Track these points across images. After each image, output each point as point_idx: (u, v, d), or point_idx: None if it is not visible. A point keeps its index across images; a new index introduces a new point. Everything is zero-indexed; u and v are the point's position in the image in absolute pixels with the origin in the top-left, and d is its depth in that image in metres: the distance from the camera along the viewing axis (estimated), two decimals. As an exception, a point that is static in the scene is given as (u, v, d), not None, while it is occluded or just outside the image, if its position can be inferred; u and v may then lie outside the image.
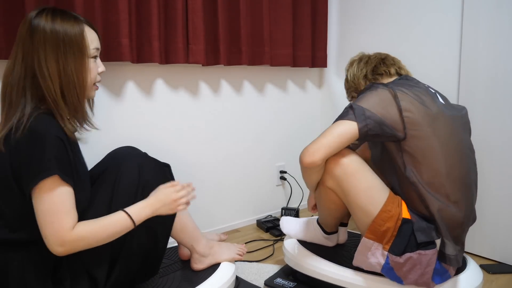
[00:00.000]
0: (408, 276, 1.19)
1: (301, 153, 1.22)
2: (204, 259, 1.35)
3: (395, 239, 1.19)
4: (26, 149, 0.95)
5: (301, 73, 2.35)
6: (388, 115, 1.19)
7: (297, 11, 2.18)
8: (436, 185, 1.19)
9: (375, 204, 1.21)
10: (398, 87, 1.22)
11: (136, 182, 1.17)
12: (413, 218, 1.20)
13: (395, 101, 1.19)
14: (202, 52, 1.76)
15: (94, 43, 1.08)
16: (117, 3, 1.52)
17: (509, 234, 1.66)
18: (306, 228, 1.55)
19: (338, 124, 1.21)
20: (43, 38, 0.99)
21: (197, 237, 1.35)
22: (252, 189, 2.20)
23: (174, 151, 1.87)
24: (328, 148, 1.19)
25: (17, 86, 1.00)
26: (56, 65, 1.00)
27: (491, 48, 1.63)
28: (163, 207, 1.13)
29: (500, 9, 1.59)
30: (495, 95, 1.64)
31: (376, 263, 1.22)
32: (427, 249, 1.18)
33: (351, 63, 1.48)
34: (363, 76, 1.41)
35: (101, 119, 1.65)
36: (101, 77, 1.16)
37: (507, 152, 1.63)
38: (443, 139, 1.19)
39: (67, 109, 1.03)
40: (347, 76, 1.47)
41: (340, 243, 1.57)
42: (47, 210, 0.95)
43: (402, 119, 1.18)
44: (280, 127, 2.28)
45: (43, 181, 0.94)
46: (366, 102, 1.21)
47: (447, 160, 1.19)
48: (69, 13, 1.04)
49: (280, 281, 1.48)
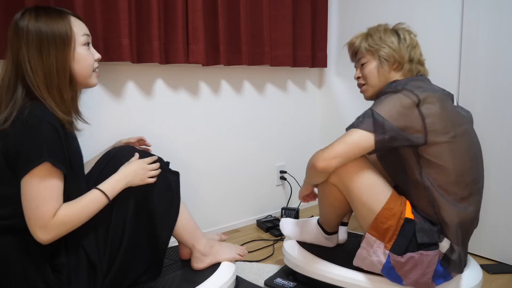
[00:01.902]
0: (409, 275, 1.18)
1: (314, 157, 1.22)
2: (205, 258, 1.35)
3: (397, 238, 1.19)
4: (18, 139, 0.97)
5: (301, 73, 2.36)
6: (409, 124, 1.16)
7: (297, 11, 2.18)
8: (450, 190, 1.18)
9: (378, 201, 1.21)
10: (420, 91, 1.19)
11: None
12: (417, 219, 1.20)
13: (418, 109, 1.16)
14: (202, 52, 1.76)
15: (83, 29, 1.11)
16: (117, 3, 1.52)
17: (509, 234, 1.66)
18: (306, 229, 1.54)
19: (355, 134, 1.19)
20: (26, 37, 1.02)
21: (198, 236, 1.36)
22: (252, 189, 2.20)
23: (174, 151, 1.87)
24: (343, 158, 1.20)
25: (7, 87, 1.03)
26: (40, 61, 1.03)
27: (491, 47, 1.63)
28: (135, 178, 1.16)
29: (500, 8, 1.59)
30: (495, 96, 1.64)
31: (377, 261, 1.22)
32: (428, 250, 1.17)
33: (395, 33, 1.34)
34: (408, 60, 1.32)
35: (101, 119, 1.65)
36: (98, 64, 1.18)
37: (507, 152, 1.63)
38: (461, 143, 1.19)
39: (55, 103, 1.04)
40: (388, 45, 1.32)
41: (340, 243, 1.57)
42: (34, 195, 0.97)
43: (425, 125, 1.15)
44: (280, 127, 2.29)
45: (34, 169, 0.96)
46: (387, 110, 1.17)
47: (463, 164, 1.19)
48: (52, 9, 1.07)
49: (280, 281, 1.48)
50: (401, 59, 1.31)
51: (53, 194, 0.99)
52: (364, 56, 1.37)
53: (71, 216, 1.02)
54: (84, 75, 1.12)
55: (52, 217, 0.99)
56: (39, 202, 0.97)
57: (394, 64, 1.32)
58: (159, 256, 1.24)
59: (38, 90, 1.02)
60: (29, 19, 1.03)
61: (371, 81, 1.36)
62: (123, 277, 1.16)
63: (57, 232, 1.00)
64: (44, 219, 0.98)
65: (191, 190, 1.94)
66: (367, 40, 1.36)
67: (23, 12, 1.05)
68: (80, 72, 1.10)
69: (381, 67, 1.33)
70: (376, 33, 1.35)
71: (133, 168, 1.18)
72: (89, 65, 1.12)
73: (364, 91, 1.40)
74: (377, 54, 1.33)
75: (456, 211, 1.18)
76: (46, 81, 1.03)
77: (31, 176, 0.97)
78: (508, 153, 1.63)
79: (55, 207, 0.99)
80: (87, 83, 1.14)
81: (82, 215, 1.04)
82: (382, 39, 1.33)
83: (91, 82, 1.15)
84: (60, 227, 1.00)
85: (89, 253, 1.09)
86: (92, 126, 1.60)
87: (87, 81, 1.13)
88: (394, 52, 1.31)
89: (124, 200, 1.15)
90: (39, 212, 0.97)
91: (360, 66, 1.39)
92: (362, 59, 1.37)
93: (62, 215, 1.00)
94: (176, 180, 1.32)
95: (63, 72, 1.06)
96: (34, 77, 1.02)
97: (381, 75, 1.34)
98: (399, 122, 1.16)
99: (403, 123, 1.16)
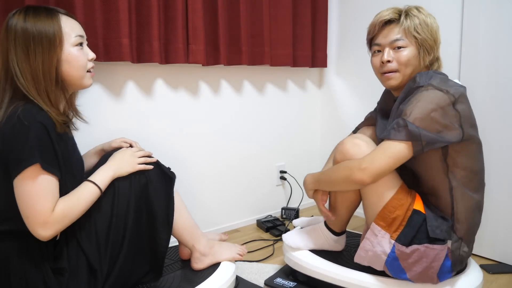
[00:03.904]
0: (413, 268, 1.17)
1: (351, 169, 1.17)
2: (204, 258, 1.35)
3: (404, 229, 1.17)
4: (10, 139, 0.97)
5: (301, 73, 2.35)
6: (447, 123, 1.11)
7: (297, 11, 2.18)
8: (471, 187, 1.19)
9: (389, 189, 1.20)
10: (451, 88, 1.13)
11: (137, 179, 1.18)
12: (427, 213, 1.19)
13: (454, 107, 1.12)
14: (202, 52, 1.76)
15: (76, 30, 1.09)
16: (117, 3, 1.52)
17: (509, 234, 1.66)
18: (313, 235, 1.48)
19: (395, 146, 1.13)
20: (14, 37, 1.01)
21: (198, 236, 1.35)
22: (252, 189, 2.20)
23: (173, 150, 1.87)
24: (385, 173, 1.16)
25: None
26: (27, 63, 1.02)
27: (492, 45, 1.63)
28: (124, 166, 1.17)
29: (501, 5, 1.59)
30: (496, 95, 1.63)
31: (381, 251, 1.19)
32: (435, 244, 1.16)
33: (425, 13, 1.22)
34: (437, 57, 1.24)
35: (101, 119, 1.65)
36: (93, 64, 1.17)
37: (507, 152, 1.63)
38: (479, 141, 1.21)
39: (46, 105, 1.04)
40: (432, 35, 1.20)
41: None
42: (29, 194, 0.97)
43: (461, 123, 1.13)
44: (280, 127, 2.28)
45: (25, 170, 0.96)
46: (422, 117, 1.10)
47: (481, 161, 1.21)
48: (42, 8, 1.05)
49: (280, 281, 1.48)
50: (437, 54, 1.23)
51: (48, 191, 0.99)
52: (403, 39, 1.21)
53: (69, 209, 1.03)
54: (77, 76, 1.10)
55: (51, 213, 0.99)
56: (35, 200, 0.97)
57: (432, 58, 1.22)
58: (159, 259, 1.24)
59: (28, 92, 1.02)
60: (18, 19, 1.02)
61: (406, 70, 1.22)
62: (123, 281, 1.16)
63: (58, 226, 1.01)
64: (43, 215, 0.98)
65: (191, 190, 1.94)
66: (412, 19, 1.20)
67: (15, 12, 1.04)
68: (72, 73, 1.08)
69: (422, 58, 1.21)
70: (420, 15, 1.20)
71: (120, 156, 1.19)
72: (82, 66, 1.10)
73: (393, 78, 1.24)
74: (421, 42, 1.20)
75: (472, 209, 1.19)
76: (34, 83, 1.02)
77: (23, 176, 0.97)
78: (509, 153, 1.62)
79: (53, 202, 1.00)
80: (81, 84, 1.12)
81: (79, 207, 1.05)
82: (427, 25, 1.20)
83: (85, 83, 1.13)
84: (60, 221, 1.01)
85: (90, 257, 1.09)
86: (92, 126, 1.60)
87: (80, 82, 1.11)
88: (435, 45, 1.21)
89: (124, 203, 1.15)
90: (37, 209, 0.97)
91: (392, 48, 1.23)
92: (400, 41, 1.21)
93: (60, 209, 1.01)
94: (170, 181, 1.30)
95: (49, 75, 1.04)
96: (23, 79, 1.01)
97: (417, 67, 1.22)
98: (435, 127, 1.11)
99: (438, 126, 1.11)
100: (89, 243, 1.10)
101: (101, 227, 1.11)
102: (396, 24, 1.23)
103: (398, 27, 1.22)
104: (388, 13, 1.24)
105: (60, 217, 1.01)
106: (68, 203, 1.03)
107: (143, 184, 1.20)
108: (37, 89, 1.03)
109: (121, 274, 1.14)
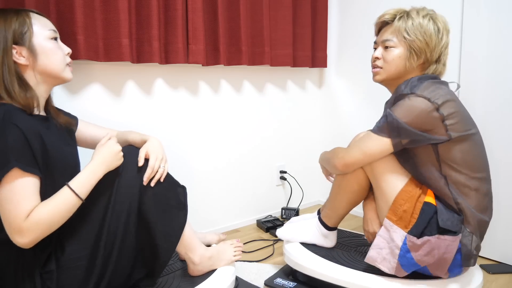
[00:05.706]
0: (424, 259, 1.17)
1: (335, 156, 1.32)
2: (200, 268, 1.32)
3: (416, 222, 1.18)
4: None
5: (301, 73, 2.36)
6: (431, 127, 1.17)
7: (297, 11, 2.18)
8: (471, 185, 1.20)
9: (401, 180, 1.24)
10: (437, 96, 1.17)
11: (137, 178, 1.17)
12: (439, 206, 1.20)
13: (438, 111, 1.16)
14: (202, 52, 1.76)
15: (47, 25, 1.11)
16: (117, 3, 1.52)
17: (509, 234, 1.66)
18: (304, 228, 1.53)
19: (371, 141, 1.25)
20: None
21: (193, 246, 1.31)
22: (252, 189, 2.20)
23: (173, 150, 1.87)
24: (361, 164, 1.29)
25: None
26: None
27: (492, 45, 1.63)
28: (112, 161, 1.12)
29: (500, 6, 1.59)
30: (496, 95, 1.64)
31: (395, 246, 1.19)
32: (446, 235, 1.16)
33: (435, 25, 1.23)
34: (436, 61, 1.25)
35: (101, 118, 1.65)
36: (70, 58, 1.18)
37: (507, 152, 1.63)
38: (478, 141, 1.22)
39: (18, 104, 1.04)
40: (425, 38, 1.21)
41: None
42: (6, 200, 0.95)
43: (446, 125, 1.16)
44: (280, 127, 2.29)
45: (4, 177, 0.94)
46: (406, 115, 1.17)
47: (480, 161, 1.21)
48: (10, 10, 1.07)
49: (280, 281, 1.48)
50: (431, 58, 1.24)
51: (23, 196, 0.96)
52: (393, 39, 1.26)
53: (46, 215, 0.97)
54: (56, 69, 1.10)
55: (24, 220, 0.95)
56: (11, 206, 0.95)
57: (422, 61, 1.25)
58: (157, 268, 1.20)
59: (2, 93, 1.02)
60: None
61: (390, 68, 1.28)
62: (117, 285, 1.14)
63: (34, 234, 0.96)
64: (17, 222, 0.94)
65: (191, 190, 1.94)
66: (406, 21, 1.23)
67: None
68: (51, 66, 1.09)
69: (408, 60, 1.25)
70: (417, 17, 1.22)
71: (106, 152, 1.12)
72: (60, 58, 1.10)
73: (378, 74, 1.31)
74: (409, 44, 1.23)
75: (476, 207, 1.20)
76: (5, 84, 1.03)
77: (2, 183, 0.95)
78: (509, 153, 1.62)
79: (27, 208, 0.96)
80: (61, 77, 1.12)
81: (57, 214, 0.99)
82: (422, 27, 1.21)
83: (65, 75, 1.13)
84: (36, 228, 0.96)
85: (80, 260, 1.07)
86: (92, 126, 1.60)
87: (60, 75, 1.11)
88: (428, 48, 1.22)
89: (117, 207, 1.12)
90: (12, 216, 0.94)
91: (383, 46, 1.29)
92: (390, 41, 1.26)
93: (35, 215, 0.96)
94: (183, 193, 1.27)
95: (9, 74, 1.03)
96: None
97: (402, 67, 1.26)
98: (420, 126, 1.17)
99: (425, 126, 1.17)
100: (79, 245, 1.07)
101: (92, 229, 1.09)
102: (391, 25, 1.29)
103: (391, 28, 1.28)
104: (386, 14, 1.30)
105: (34, 224, 0.95)
106: (46, 209, 0.98)
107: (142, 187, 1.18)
108: (6, 89, 1.03)
109: (114, 277, 1.11)
